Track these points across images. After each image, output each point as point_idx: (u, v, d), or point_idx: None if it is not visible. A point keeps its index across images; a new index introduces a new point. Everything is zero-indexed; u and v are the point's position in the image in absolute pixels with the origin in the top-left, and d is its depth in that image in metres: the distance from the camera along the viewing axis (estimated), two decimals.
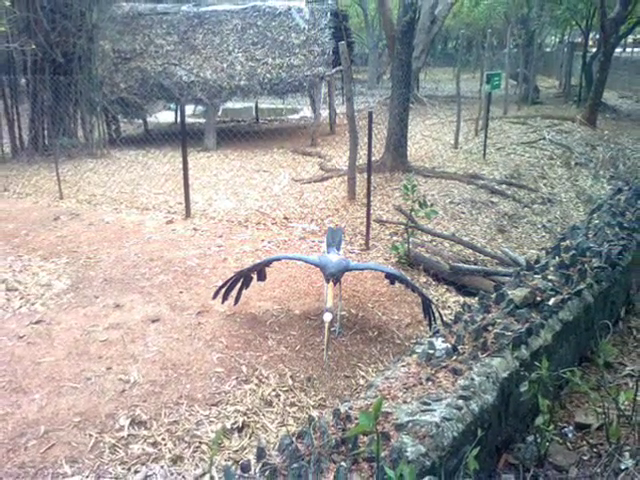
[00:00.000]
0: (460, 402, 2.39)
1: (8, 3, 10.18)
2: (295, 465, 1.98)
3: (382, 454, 2.03)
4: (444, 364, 2.68)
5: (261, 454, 2.12)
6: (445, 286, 5.65)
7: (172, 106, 15.47)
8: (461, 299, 5.30)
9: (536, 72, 20.40)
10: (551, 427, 2.68)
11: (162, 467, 3.05)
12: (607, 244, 4.10)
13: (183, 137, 7.24)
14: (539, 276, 3.64)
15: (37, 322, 4.47)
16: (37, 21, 10.54)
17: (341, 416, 2.28)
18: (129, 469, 3.03)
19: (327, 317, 3.91)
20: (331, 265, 4.27)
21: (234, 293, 4.61)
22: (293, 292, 5.05)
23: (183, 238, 6.41)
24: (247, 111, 18.39)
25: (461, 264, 5.80)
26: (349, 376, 3.96)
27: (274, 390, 3.71)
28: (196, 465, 3.08)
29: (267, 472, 2.00)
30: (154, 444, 3.20)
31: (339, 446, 2.10)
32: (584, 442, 2.89)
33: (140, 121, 14.45)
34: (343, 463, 2.00)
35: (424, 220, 6.66)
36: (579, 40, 26.26)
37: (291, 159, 11.29)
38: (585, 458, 2.76)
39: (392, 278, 4.77)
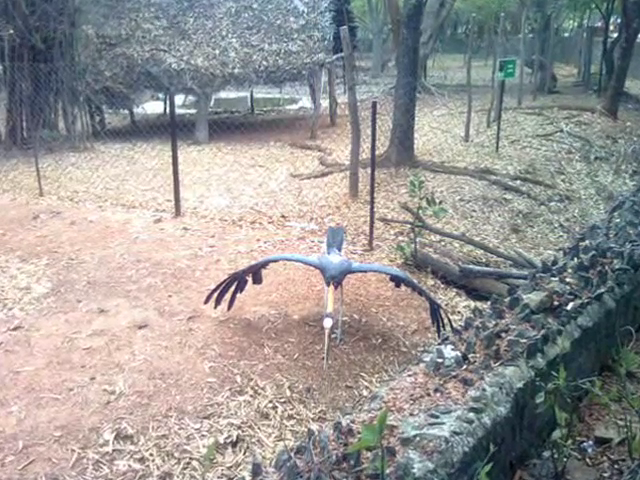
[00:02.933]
0: (471, 415, 2.39)
1: None
2: None
3: (387, 471, 2.03)
4: (454, 374, 2.67)
5: (257, 471, 2.12)
6: (455, 289, 5.65)
7: (161, 96, 15.47)
8: (472, 304, 5.29)
9: (553, 59, 20.38)
10: (569, 442, 2.68)
11: None
12: (629, 244, 4.10)
13: (173, 129, 7.24)
14: (556, 279, 3.64)
15: (15, 328, 4.47)
16: (15, 4, 10.53)
17: (343, 430, 2.28)
18: None
19: (327, 323, 3.91)
20: (332, 267, 4.26)
21: (228, 297, 4.61)
22: (291, 296, 5.05)
23: (172, 238, 6.41)
24: (241, 101, 18.39)
25: (472, 266, 5.80)
26: (351, 386, 3.96)
27: (271, 402, 3.71)
28: None
29: None
30: (141, 460, 3.20)
31: (340, 462, 2.09)
32: (604, 458, 2.89)
33: (126, 112, 14.44)
34: None
35: (432, 219, 6.66)
36: (599, 24, 26.28)
37: (289, 153, 11.29)
38: (606, 475, 2.76)
39: (398, 281, 4.77)
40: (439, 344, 3.07)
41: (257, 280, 4.74)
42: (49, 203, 7.96)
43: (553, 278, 3.66)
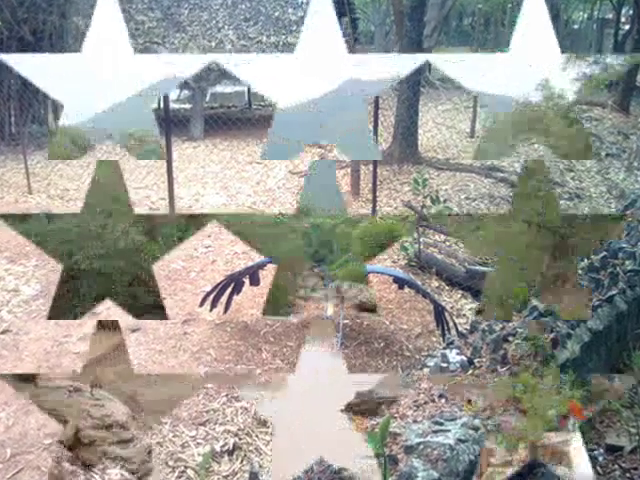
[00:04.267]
0: (477, 422, 2.39)
1: None
2: None
3: None
4: (459, 379, 2.67)
5: None
6: (460, 291, 5.63)
7: None
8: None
9: (562, 52, 20.39)
10: None
11: None
12: None
13: (167, 125, 7.24)
14: None
15: (3, 332, 4.47)
16: None
17: None
18: None
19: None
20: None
21: (224, 299, 4.61)
22: None
23: None
24: (238, 96, 18.37)
25: (478, 267, 5.79)
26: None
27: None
28: None
29: None
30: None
31: (342, 471, 2.09)
32: (616, 466, 2.89)
33: None
34: None
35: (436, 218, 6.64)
36: (610, 16, 26.24)
37: None
38: None
39: (401, 282, 4.77)
40: (444, 348, 3.07)
41: (254, 282, 4.74)
42: (38, 202, 7.94)
43: None
